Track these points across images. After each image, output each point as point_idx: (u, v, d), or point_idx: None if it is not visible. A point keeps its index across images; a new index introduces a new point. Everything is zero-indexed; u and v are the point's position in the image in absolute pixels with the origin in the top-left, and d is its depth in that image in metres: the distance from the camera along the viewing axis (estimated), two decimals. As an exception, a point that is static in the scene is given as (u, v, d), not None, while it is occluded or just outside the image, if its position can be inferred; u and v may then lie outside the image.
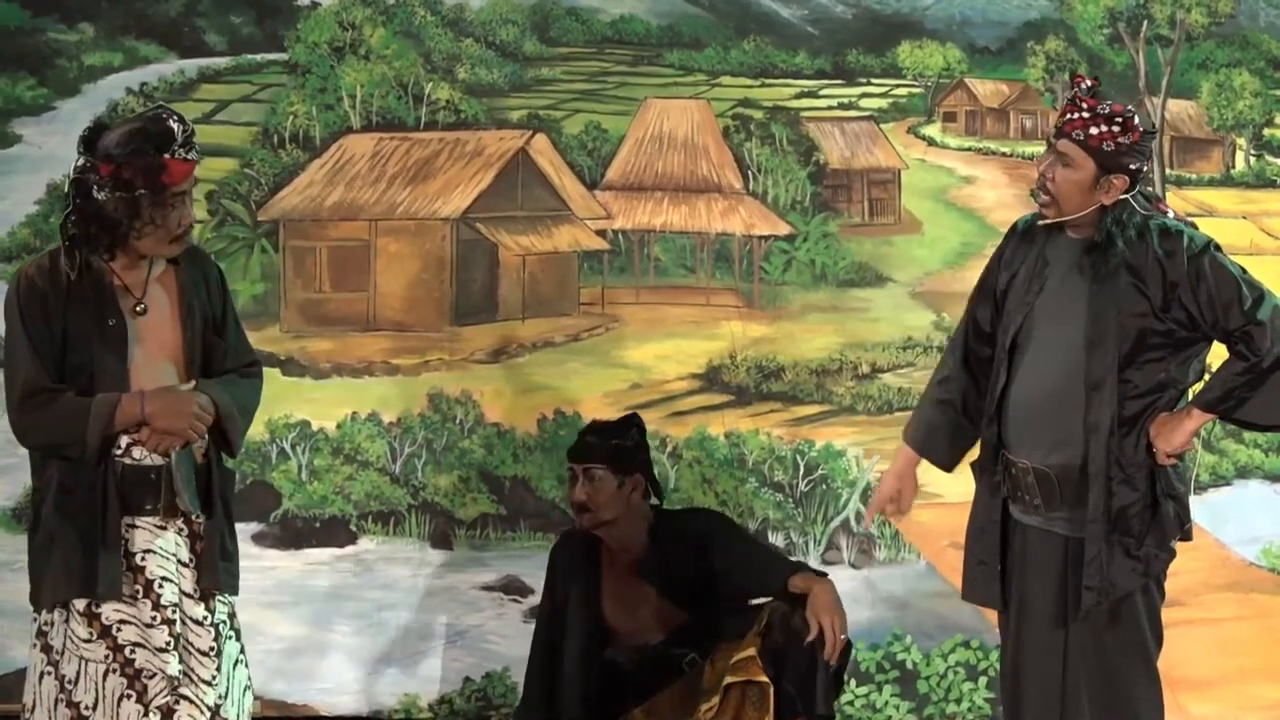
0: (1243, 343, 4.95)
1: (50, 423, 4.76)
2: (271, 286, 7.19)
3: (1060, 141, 5.03)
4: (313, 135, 7.21)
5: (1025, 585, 5.16)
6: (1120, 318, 4.99)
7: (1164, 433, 5.01)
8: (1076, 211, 5.04)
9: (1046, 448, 5.07)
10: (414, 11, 7.25)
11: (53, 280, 4.78)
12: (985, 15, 7.34)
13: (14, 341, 4.79)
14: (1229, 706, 7.01)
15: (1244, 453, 7.19)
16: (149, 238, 4.80)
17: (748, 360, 7.18)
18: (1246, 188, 7.33)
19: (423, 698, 7.08)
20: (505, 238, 7.22)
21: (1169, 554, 5.12)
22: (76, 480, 4.79)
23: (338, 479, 7.14)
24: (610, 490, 5.95)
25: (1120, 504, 5.00)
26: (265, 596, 6.93)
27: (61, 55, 7.21)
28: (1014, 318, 5.14)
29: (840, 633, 5.56)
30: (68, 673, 4.80)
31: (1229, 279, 4.97)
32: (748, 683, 5.55)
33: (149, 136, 4.76)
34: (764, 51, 7.31)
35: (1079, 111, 5.00)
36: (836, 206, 7.29)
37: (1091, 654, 5.04)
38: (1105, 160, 4.98)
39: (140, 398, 4.80)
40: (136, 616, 4.81)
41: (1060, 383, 5.05)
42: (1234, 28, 7.30)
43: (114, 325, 4.83)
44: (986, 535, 5.22)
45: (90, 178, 4.74)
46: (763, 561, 5.82)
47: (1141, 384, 5.02)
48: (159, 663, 4.81)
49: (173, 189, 4.78)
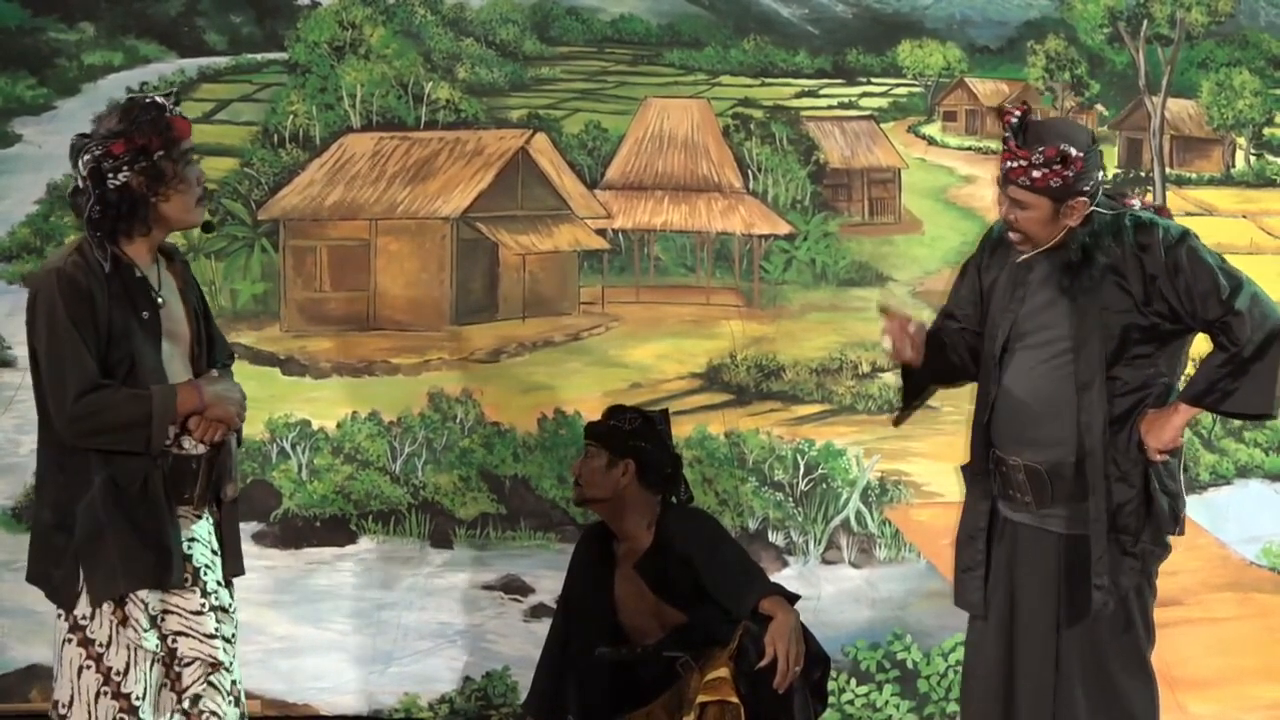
0: (1223, 334, 4.95)
1: (110, 419, 4.78)
2: (271, 286, 7.19)
3: (1009, 189, 5.03)
4: (313, 135, 7.21)
5: (1017, 586, 5.16)
6: (1105, 316, 4.99)
7: (1153, 429, 5.02)
8: (1049, 240, 5.05)
9: (1038, 447, 5.07)
10: (414, 11, 7.25)
11: (93, 276, 4.82)
12: (985, 14, 7.34)
13: (59, 341, 4.80)
14: (1229, 706, 7.01)
15: (1244, 452, 7.19)
16: (176, 200, 4.89)
17: (748, 359, 7.18)
18: (1246, 187, 7.33)
19: (423, 697, 7.08)
20: (505, 237, 7.22)
21: (1164, 550, 5.13)
22: (130, 474, 4.82)
23: (338, 478, 7.14)
24: (598, 467, 5.96)
25: (1117, 501, 5.02)
26: (265, 595, 6.94)
27: (62, 54, 7.21)
28: (999, 324, 5.15)
29: (795, 663, 5.54)
30: (115, 664, 4.83)
31: (1206, 269, 4.97)
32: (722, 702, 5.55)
33: (143, 105, 4.88)
34: (764, 51, 7.31)
35: (1016, 160, 4.98)
36: (837, 206, 7.30)
37: (1088, 653, 5.04)
38: (1057, 194, 4.98)
39: (196, 387, 4.90)
40: (183, 605, 4.90)
41: (1049, 385, 5.06)
42: (1234, 27, 7.30)
43: (149, 318, 4.90)
44: (975, 542, 5.23)
45: (105, 165, 4.81)
46: (737, 580, 5.78)
47: (1131, 380, 5.03)
48: (207, 649, 4.90)
49: (183, 144, 4.89)
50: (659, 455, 6.01)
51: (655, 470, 5.99)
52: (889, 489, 7.12)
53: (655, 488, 6.01)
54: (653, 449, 6.01)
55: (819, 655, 5.69)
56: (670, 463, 6.05)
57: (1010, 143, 4.99)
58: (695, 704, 5.58)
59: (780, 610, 5.61)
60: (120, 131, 4.82)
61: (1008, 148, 5.00)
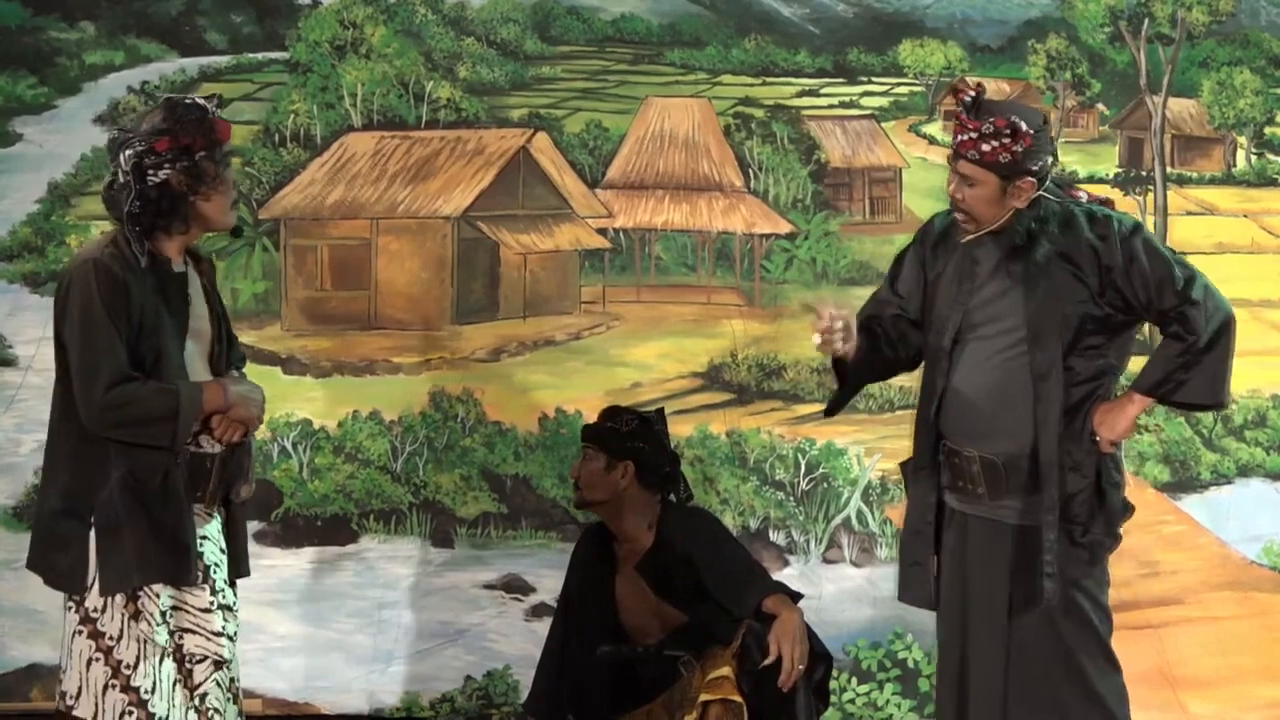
0: (1178, 323, 4.97)
1: (138, 411, 4.81)
2: (272, 285, 7.19)
3: (958, 163, 5.05)
4: (314, 134, 7.22)
5: (968, 579, 5.16)
6: (1062, 307, 5.01)
7: (1107, 420, 5.04)
8: (994, 221, 5.06)
9: (993, 438, 5.08)
10: (415, 10, 7.26)
11: (128, 269, 4.85)
12: (986, 13, 7.34)
13: (93, 330, 4.82)
14: (1229, 705, 7.01)
15: (1245, 451, 7.19)
16: (216, 201, 4.94)
17: (749, 359, 7.18)
18: (1247, 186, 7.33)
19: (424, 696, 7.08)
20: (506, 236, 7.22)
21: (1116, 540, 5.15)
22: (150, 468, 4.85)
23: (339, 477, 7.14)
24: (596, 470, 5.96)
25: (1069, 492, 5.03)
26: (267, 595, 6.93)
27: (62, 54, 7.21)
28: (949, 317, 5.15)
29: (799, 663, 5.54)
30: (125, 658, 4.86)
31: (1162, 259, 5.00)
32: (724, 700, 5.55)
33: (187, 105, 4.93)
34: (765, 50, 7.31)
35: (966, 132, 5.01)
36: (838, 205, 7.30)
37: (1048, 643, 5.04)
38: (1005, 171, 4.99)
39: (222, 386, 4.95)
40: (193, 602, 4.93)
41: (1004, 376, 5.06)
42: (1235, 26, 7.30)
43: (178, 315, 4.95)
44: (921, 537, 5.23)
45: (147, 161, 4.86)
46: (740, 580, 5.77)
47: (1084, 371, 5.05)
48: (214, 647, 4.94)
49: (224, 146, 4.96)
50: (657, 455, 6.01)
51: (654, 470, 5.99)
52: (890, 488, 7.12)
53: (655, 488, 6.01)
54: (651, 449, 6.00)
55: (821, 654, 5.69)
56: (668, 462, 6.05)
57: (961, 115, 5.02)
58: (697, 702, 5.58)
59: (785, 609, 5.61)
60: (165, 129, 4.87)
61: (959, 120, 5.03)
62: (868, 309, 5.39)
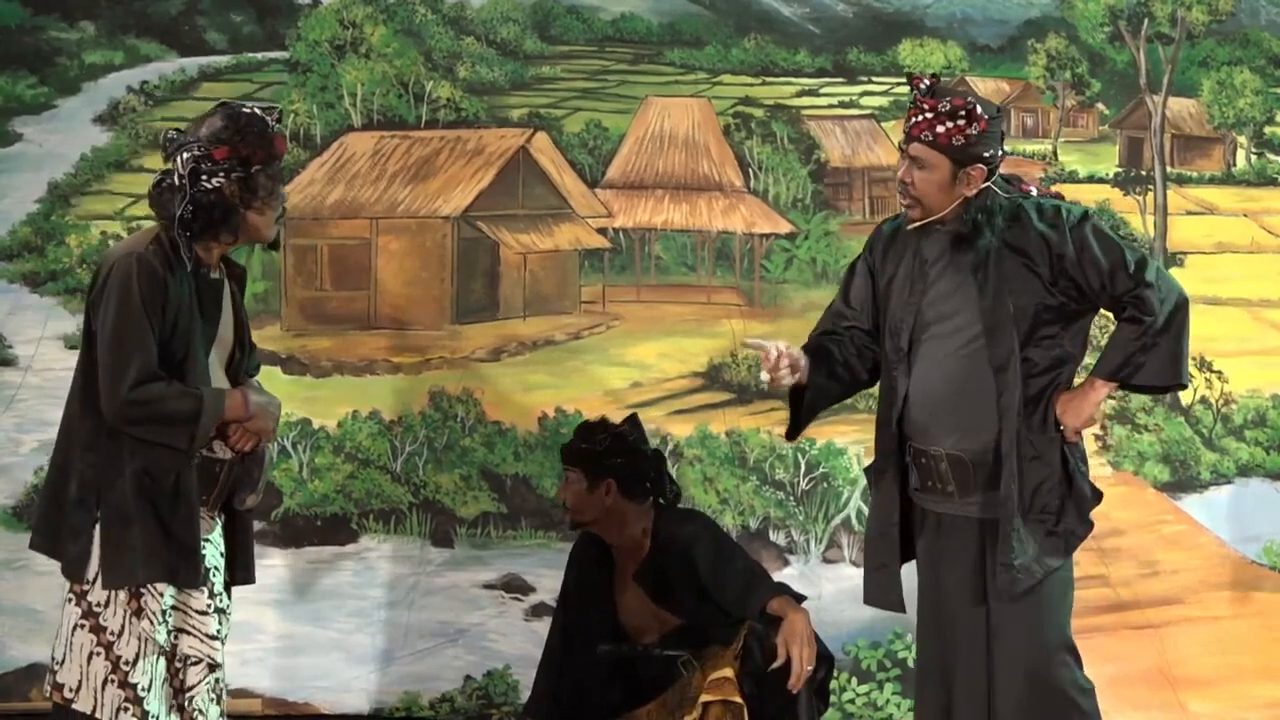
0: (1133, 306, 4.99)
1: (161, 411, 4.82)
2: (272, 285, 7.19)
3: (911, 146, 5.07)
4: (313, 133, 7.22)
5: (940, 576, 5.17)
6: (1015, 299, 5.02)
7: (1070, 408, 5.05)
8: (942, 209, 5.08)
9: (958, 434, 5.08)
10: (415, 10, 7.26)
11: (169, 268, 4.86)
12: (986, 13, 7.34)
13: (127, 325, 4.82)
14: (1229, 705, 7.01)
15: (1245, 450, 7.19)
16: (266, 214, 4.96)
17: (749, 358, 7.18)
18: (1247, 185, 7.33)
19: (424, 696, 7.08)
20: (506, 236, 7.22)
21: (1087, 528, 5.15)
22: (163, 468, 4.86)
23: (339, 477, 7.14)
24: (580, 492, 5.92)
25: (1034, 482, 5.03)
26: (266, 594, 6.93)
27: (62, 53, 7.21)
28: (903, 319, 5.16)
29: (808, 664, 5.54)
30: (125, 654, 4.87)
31: (1112, 245, 5.03)
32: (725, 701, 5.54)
33: (249, 116, 4.94)
34: (765, 50, 7.31)
35: (922, 114, 5.04)
36: (837, 204, 7.30)
37: (1022, 635, 5.04)
38: (958, 155, 5.02)
39: (245, 396, 4.98)
40: (192, 604, 4.94)
41: (963, 371, 5.07)
42: (1235, 25, 7.30)
43: (209, 320, 4.98)
44: (886, 539, 5.23)
45: (203, 166, 4.87)
46: (743, 582, 5.76)
47: (1041, 361, 5.05)
48: (207, 649, 4.96)
49: (279, 161, 4.99)
50: (637, 466, 5.94)
51: (636, 482, 5.94)
52: (890, 488, 7.12)
53: (641, 497, 5.97)
54: (628, 462, 5.92)
55: (823, 655, 5.69)
56: (650, 468, 5.99)
57: (917, 97, 5.05)
58: (698, 703, 5.58)
59: (791, 610, 5.60)
60: (225, 139, 4.88)
61: (914, 103, 5.06)
62: (822, 324, 5.42)
